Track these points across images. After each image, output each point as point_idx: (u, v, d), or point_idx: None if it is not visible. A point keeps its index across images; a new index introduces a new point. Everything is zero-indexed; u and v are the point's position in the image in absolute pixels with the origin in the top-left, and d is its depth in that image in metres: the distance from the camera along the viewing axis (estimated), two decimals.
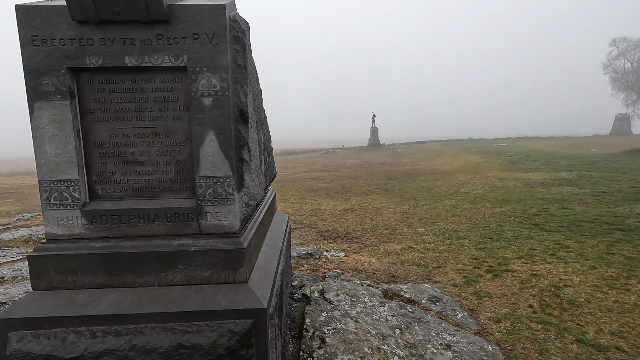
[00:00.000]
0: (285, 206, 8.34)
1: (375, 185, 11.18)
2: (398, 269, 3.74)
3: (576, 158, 14.98)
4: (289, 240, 2.69)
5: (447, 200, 7.98)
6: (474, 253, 4.19)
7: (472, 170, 13.22)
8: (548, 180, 9.60)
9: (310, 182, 12.79)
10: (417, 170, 15.20)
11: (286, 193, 10.39)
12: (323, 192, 10.29)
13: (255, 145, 1.79)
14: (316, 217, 7.02)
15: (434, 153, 25.02)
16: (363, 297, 2.50)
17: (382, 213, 7.12)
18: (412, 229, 5.74)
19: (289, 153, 34.08)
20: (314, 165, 20.84)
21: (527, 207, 6.61)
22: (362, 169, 16.99)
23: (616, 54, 40.01)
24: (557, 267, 3.54)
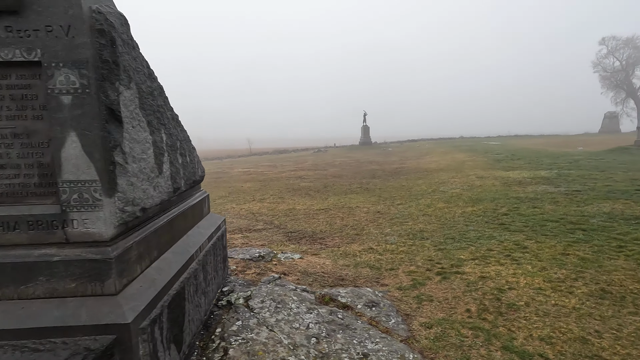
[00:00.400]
0: (260, 206, 8.22)
1: (357, 184, 11.08)
2: (349, 272, 3.64)
3: (560, 156, 14.96)
4: (217, 245, 2.57)
5: (423, 200, 7.90)
6: (431, 254, 4.10)
7: (456, 169, 13.16)
8: (526, 178, 9.54)
9: (294, 181, 12.67)
10: (403, 168, 15.13)
11: (266, 192, 10.27)
12: (303, 192, 10.18)
13: (145, 147, 1.67)
14: (288, 217, 6.90)
15: (424, 151, 24.98)
16: (291, 304, 2.40)
17: (355, 213, 7.01)
18: (379, 229, 5.65)
19: (280, 152, 33.95)
20: (303, 163, 20.72)
21: (499, 206, 6.53)
22: (349, 167, 16.90)
23: (605, 52, 40.14)
24: (508, 269, 3.45)
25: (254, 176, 14.74)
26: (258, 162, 24.01)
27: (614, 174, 9.44)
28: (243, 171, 17.51)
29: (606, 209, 5.78)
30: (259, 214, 7.33)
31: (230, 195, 10.10)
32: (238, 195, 10.00)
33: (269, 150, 35.54)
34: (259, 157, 32.56)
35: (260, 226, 6.29)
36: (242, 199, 9.45)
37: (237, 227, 6.21)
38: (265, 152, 35.03)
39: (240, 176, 15.05)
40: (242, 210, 7.85)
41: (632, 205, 5.90)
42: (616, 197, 6.53)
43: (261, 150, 36.18)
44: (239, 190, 10.93)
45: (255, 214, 7.40)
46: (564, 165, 11.74)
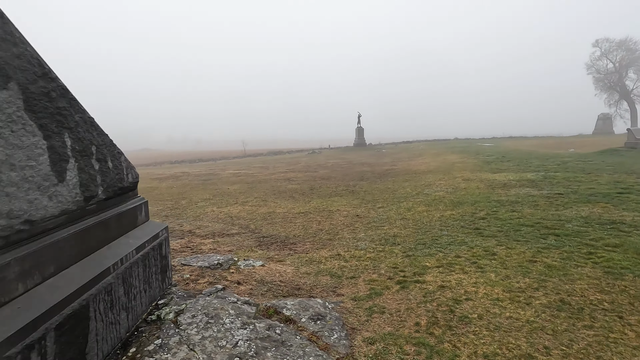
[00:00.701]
0: (241, 209, 8.07)
1: (344, 187, 10.94)
2: (309, 280, 3.49)
3: (550, 158, 14.86)
4: (152, 255, 2.42)
5: (405, 203, 7.76)
6: (397, 261, 3.96)
7: (444, 171, 13.04)
8: (512, 181, 9.42)
9: (281, 183, 12.53)
10: (392, 170, 15.00)
11: (251, 195, 10.13)
12: (288, 194, 10.03)
13: (34, 153, 1.52)
14: (265, 221, 6.75)
15: (417, 153, 24.87)
16: (225, 318, 2.25)
17: (334, 216, 6.87)
18: (353, 234, 5.50)
19: (275, 153, 33.81)
20: (295, 165, 20.58)
21: (478, 210, 6.40)
22: (340, 169, 16.76)
23: (599, 54, 40.15)
24: (471, 277, 3.31)
25: (242, 178, 14.59)
26: (251, 164, 23.87)
27: (600, 176, 9.33)
28: (233, 173, 17.35)
29: (584, 212, 5.65)
30: (237, 218, 7.18)
31: (214, 198, 9.94)
32: (222, 198, 9.84)
33: (264, 152, 35.42)
34: (253, 158, 32.43)
35: (234, 230, 6.14)
36: (225, 201, 9.29)
37: (210, 232, 6.06)
38: (260, 153, 34.90)
39: (230, 178, 14.89)
40: (221, 213, 7.69)
41: (611, 209, 5.77)
42: (597, 201, 6.40)
43: (255, 152, 36.05)
44: (224, 193, 10.77)
45: (233, 217, 7.25)
46: (552, 168, 11.62)
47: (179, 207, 8.79)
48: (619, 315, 2.53)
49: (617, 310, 2.61)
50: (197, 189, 12.01)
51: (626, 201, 6.22)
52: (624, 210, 5.66)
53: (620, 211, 5.60)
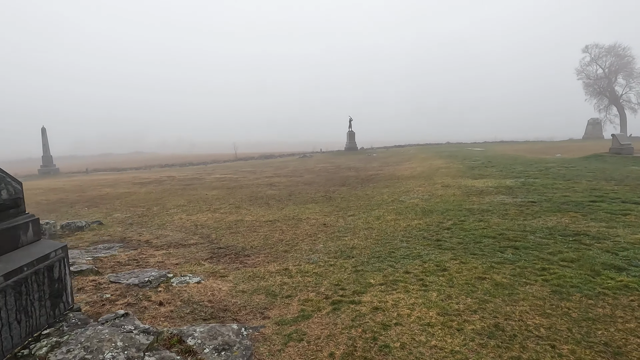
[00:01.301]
0: (210, 217, 7.82)
1: (323, 193, 10.72)
2: (240, 300, 3.26)
3: (534, 164, 14.72)
4: (34, 281, 2.18)
5: (377, 210, 7.55)
6: (343, 277, 3.73)
7: (427, 177, 12.85)
8: (490, 188, 9.23)
9: (262, 188, 12.30)
10: (377, 175, 14.81)
11: (226, 202, 9.88)
12: (264, 200, 9.80)
13: None
14: (229, 231, 6.50)
15: (406, 157, 24.72)
16: (107, 353, 2.02)
17: (300, 225, 6.64)
18: (312, 244, 5.27)
19: (266, 157, 33.63)
20: (283, 169, 20.37)
21: (446, 219, 6.19)
22: (325, 174, 16.55)
23: (588, 60, 40.22)
24: (410, 298, 3.08)
25: (225, 183, 14.34)
26: (239, 168, 23.65)
27: (578, 182, 9.16)
28: (219, 177, 17.10)
29: (551, 223, 5.45)
30: (202, 226, 6.92)
31: (189, 204, 9.69)
32: (196, 205, 9.59)
33: (255, 155, 35.21)
34: (243, 162, 32.20)
35: (193, 240, 5.89)
36: (198, 208, 9.04)
37: (167, 242, 5.81)
38: (251, 157, 34.70)
39: (213, 183, 14.64)
40: (188, 221, 7.44)
41: (579, 219, 5.58)
42: (567, 210, 6.21)
43: (247, 155, 35.83)
44: (201, 199, 10.53)
45: (198, 226, 7.00)
46: (533, 174, 11.46)
47: (149, 214, 8.53)
48: (551, 344, 2.31)
49: (552, 337, 2.39)
50: (175, 194, 11.75)
51: (596, 210, 6.03)
52: (591, 220, 5.46)
53: (588, 221, 5.40)
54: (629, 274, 3.36)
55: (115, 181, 17.05)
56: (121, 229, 6.94)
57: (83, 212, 9.14)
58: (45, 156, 28.35)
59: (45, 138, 28.20)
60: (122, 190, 13.41)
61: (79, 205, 10.23)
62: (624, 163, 13.95)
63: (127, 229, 6.87)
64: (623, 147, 15.83)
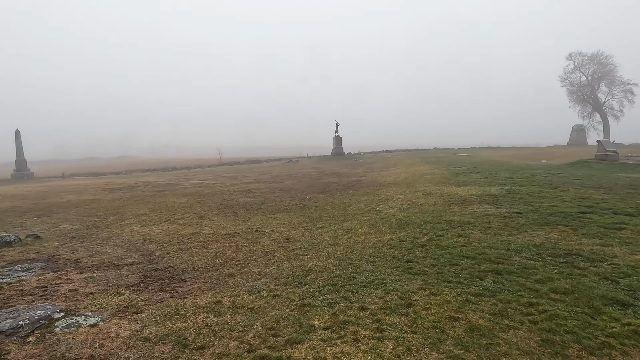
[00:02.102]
0: (165, 229, 6.94)
1: (298, 201, 9.94)
2: (134, 354, 2.44)
3: (520, 170, 14.18)
4: None
5: (351, 222, 6.79)
6: (281, 316, 2.93)
7: (409, 183, 12.18)
8: (473, 196, 8.56)
9: (236, 195, 11.46)
10: (359, 182, 14.09)
11: (191, 211, 9.02)
12: (232, 210, 8.97)
13: None
14: (178, 247, 5.66)
15: (392, 163, 24.13)
16: None
17: (260, 240, 5.83)
18: (264, 266, 4.47)
19: (252, 162, 32.74)
20: (265, 175, 19.54)
21: (422, 233, 5.45)
22: (307, 180, 15.77)
23: (572, 67, 40.46)
24: (357, 352, 2.31)
25: (200, 189, 13.46)
26: (221, 173, 22.74)
27: (566, 191, 8.56)
28: (196, 183, 16.18)
29: (539, 238, 4.75)
30: (150, 241, 6.06)
31: (150, 214, 8.80)
32: (158, 214, 8.71)
33: (241, 160, 34.29)
34: (228, 167, 31.25)
35: (130, 260, 5.03)
36: (157, 218, 8.16)
37: (100, 262, 4.94)
38: (237, 161, 33.77)
39: (186, 189, 13.74)
40: (137, 235, 6.57)
41: (570, 234, 4.90)
42: (556, 222, 5.54)
43: (233, 160, 34.88)
44: (165, 208, 9.64)
45: (146, 240, 6.13)
46: (519, 181, 10.86)
47: (100, 225, 7.63)
48: None
49: None
50: (141, 202, 10.84)
51: (588, 224, 5.37)
52: (583, 236, 4.78)
53: (580, 237, 4.72)
54: (636, 313, 2.65)
55: (85, 187, 16.01)
56: (57, 244, 6.03)
57: (29, 222, 8.18)
58: (18, 160, 27.01)
59: (19, 141, 26.89)
60: (87, 197, 12.42)
61: (30, 214, 9.24)
62: (610, 169, 13.50)
63: (64, 245, 5.97)
64: (609, 153, 15.44)
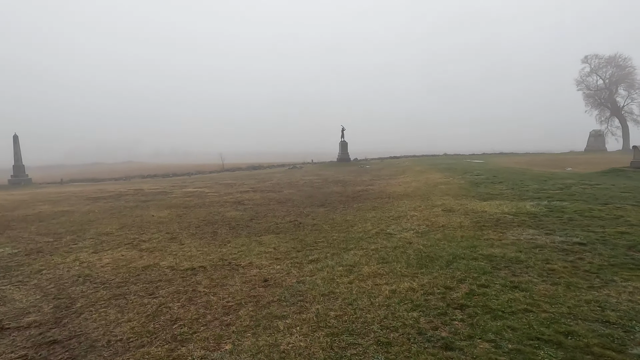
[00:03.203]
0: (118, 258, 5.34)
1: (293, 216, 8.30)
2: None
3: (548, 179, 12.34)
4: None
5: (353, 252, 5.12)
6: None
7: (424, 195, 10.44)
8: (507, 215, 6.82)
9: (225, 208, 9.87)
10: (365, 192, 12.39)
11: (167, 229, 7.43)
12: (213, 228, 7.37)
13: None
14: (114, 292, 4.04)
15: (400, 170, 22.38)
16: None
17: (229, 281, 4.19)
18: (212, 342, 2.83)
19: (254, 168, 31.23)
20: (264, 183, 17.97)
21: (456, 280, 3.75)
22: (308, 189, 14.13)
23: (588, 70, 38.31)
24: None
25: (188, 200, 11.91)
26: (219, 180, 21.24)
27: (622, 208, 6.77)
28: (188, 192, 14.65)
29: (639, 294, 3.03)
30: (84, 280, 4.47)
31: (115, 232, 7.25)
32: (123, 233, 7.15)
33: (243, 166, 32.83)
34: (229, 173, 29.82)
35: (32, 317, 3.43)
36: (119, 240, 6.58)
37: None
38: (239, 167, 32.32)
39: (175, 199, 12.20)
40: (77, 268, 4.98)
41: None
42: None
43: (235, 166, 33.48)
44: (138, 224, 8.08)
45: (81, 278, 4.54)
46: (554, 194, 9.07)
47: (45, 250, 6.08)
48: None
49: None
50: (116, 215, 9.31)
51: None
52: None
53: None
54: None
55: (70, 196, 14.59)
56: None
57: None
58: (16, 165, 25.90)
59: (17, 146, 25.80)
60: (62, 208, 10.96)
61: None
62: None
63: None
64: None
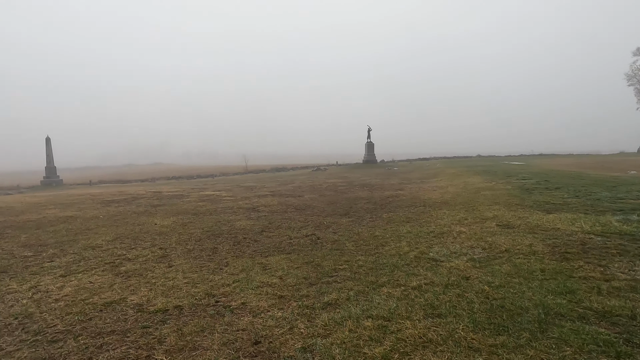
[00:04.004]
0: (87, 286, 4.13)
1: (311, 228, 6.91)
2: None
3: (617, 185, 10.18)
4: None
5: (387, 291, 3.62)
6: None
7: (466, 204, 8.71)
8: (592, 235, 5.05)
9: (237, 216, 8.65)
10: (395, 198, 10.78)
11: (160, 243, 6.25)
12: (213, 244, 6.10)
13: None
14: (32, 355, 2.80)
15: (431, 172, 20.45)
16: None
17: (204, 342, 2.82)
18: None
19: (277, 170, 30.21)
20: (285, 186, 16.74)
21: None
22: (332, 193, 12.71)
23: None
24: None
25: (199, 205, 10.83)
26: (241, 182, 20.27)
27: None
28: (205, 195, 13.64)
29: None
30: (13, 325, 3.27)
31: (103, 246, 6.15)
32: (110, 248, 6.02)
33: (267, 168, 31.90)
34: (253, 175, 28.97)
35: None
36: (101, 259, 5.43)
37: None
38: (262, 169, 31.42)
39: (187, 204, 11.18)
40: (20, 302, 3.79)
41: None
42: None
43: (259, 168, 32.62)
44: (136, 234, 6.98)
45: (12, 321, 3.35)
46: (637, 204, 7.09)
47: (12, 269, 5.02)
48: None
49: None
50: (117, 224, 8.32)
51: None
52: None
53: None
54: None
55: (85, 199, 13.98)
56: None
57: None
58: (48, 167, 26.29)
59: (50, 148, 26.19)
60: (69, 213, 10.18)
61: None
62: None
63: None
64: None
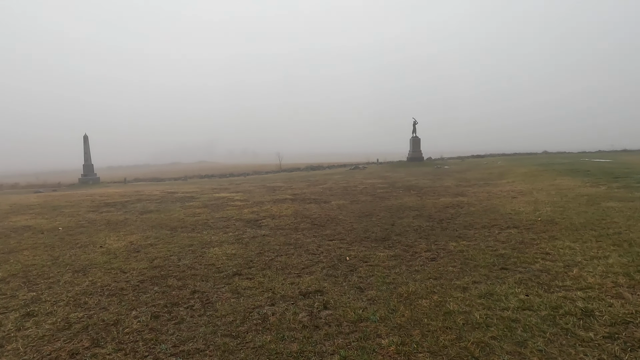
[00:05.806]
0: None
1: (320, 272, 3.91)
2: None
3: None
4: None
5: None
6: None
7: (591, 224, 5.13)
8: None
9: (220, 237, 5.93)
10: (459, 209, 7.38)
11: (76, 288, 3.63)
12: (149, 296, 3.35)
13: None
14: None
15: (494, 172, 16.29)
16: None
17: None
18: None
19: (313, 168, 27.41)
20: (315, 187, 13.83)
21: None
22: (369, 199, 9.56)
23: None
24: None
25: (194, 213, 8.30)
26: (267, 182, 17.74)
27: None
28: (213, 198, 11.16)
29: None
30: None
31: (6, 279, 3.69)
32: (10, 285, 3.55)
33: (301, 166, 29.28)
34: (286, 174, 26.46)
35: None
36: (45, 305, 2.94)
37: None
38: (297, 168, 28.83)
39: (177, 213, 8.72)
40: None
41: None
42: None
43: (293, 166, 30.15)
44: (49, 267, 4.48)
45: None
46: None
47: None
48: None
49: None
50: (60, 242, 5.97)
51: None
52: None
53: None
54: None
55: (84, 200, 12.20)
56: None
57: None
58: (86, 165, 25.93)
59: (87, 146, 25.80)
60: (37, 221, 8.17)
61: None
62: None
63: None
64: None
